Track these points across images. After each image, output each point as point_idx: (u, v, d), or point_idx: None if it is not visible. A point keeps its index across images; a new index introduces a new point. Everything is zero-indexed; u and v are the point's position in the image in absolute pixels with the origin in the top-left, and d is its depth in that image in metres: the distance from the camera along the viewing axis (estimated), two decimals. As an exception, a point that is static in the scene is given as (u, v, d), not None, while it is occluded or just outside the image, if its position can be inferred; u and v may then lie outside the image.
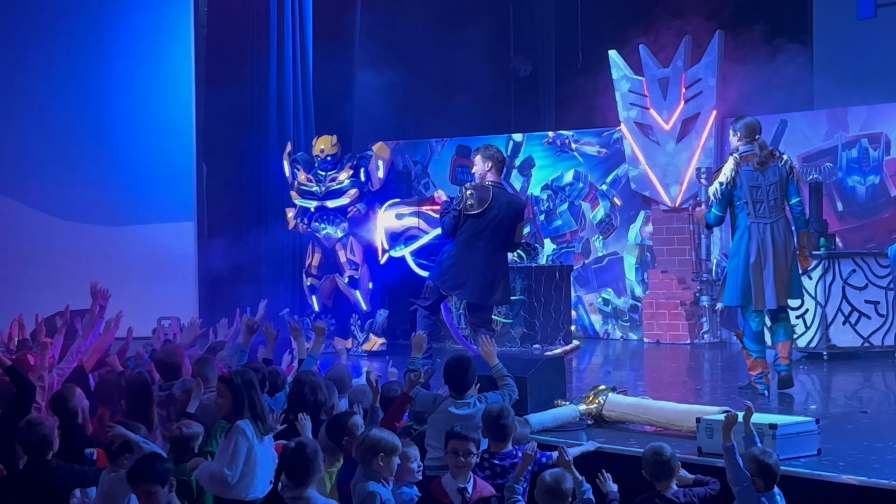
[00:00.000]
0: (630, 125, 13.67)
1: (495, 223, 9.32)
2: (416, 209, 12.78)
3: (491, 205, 9.29)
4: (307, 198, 13.33)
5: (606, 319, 14.17)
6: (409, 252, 12.59)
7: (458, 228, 9.36)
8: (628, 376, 10.81)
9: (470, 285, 9.38)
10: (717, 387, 10.13)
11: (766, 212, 9.00)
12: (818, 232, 11.62)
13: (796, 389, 9.29)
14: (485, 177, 9.44)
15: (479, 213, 9.29)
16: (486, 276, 9.38)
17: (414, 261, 12.57)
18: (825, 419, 7.25)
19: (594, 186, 14.26)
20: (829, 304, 11.32)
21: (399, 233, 12.69)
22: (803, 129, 12.82)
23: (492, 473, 6.20)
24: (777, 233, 8.97)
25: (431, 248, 12.05)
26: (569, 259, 14.18)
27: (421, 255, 12.52)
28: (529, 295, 12.73)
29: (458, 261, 9.37)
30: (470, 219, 9.31)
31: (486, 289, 9.40)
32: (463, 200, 9.33)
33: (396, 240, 12.74)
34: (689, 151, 13.30)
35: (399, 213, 12.86)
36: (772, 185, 9.00)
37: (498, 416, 6.32)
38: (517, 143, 14.85)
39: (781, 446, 6.44)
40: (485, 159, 9.44)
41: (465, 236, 9.36)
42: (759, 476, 5.64)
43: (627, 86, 13.65)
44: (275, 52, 14.75)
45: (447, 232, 9.51)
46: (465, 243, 9.36)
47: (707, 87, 13.13)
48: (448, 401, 6.86)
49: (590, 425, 7.77)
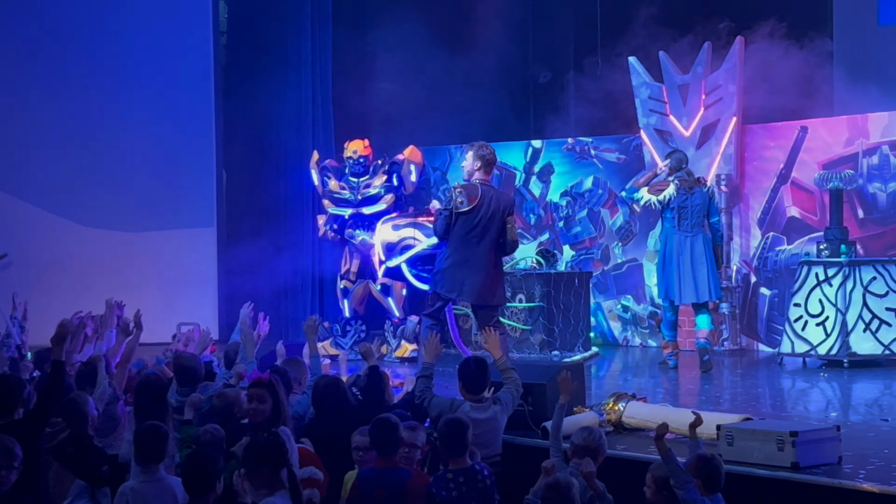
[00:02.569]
0: (650, 132, 13.66)
1: (486, 219, 9.36)
2: (412, 220, 12.74)
3: (480, 201, 9.36)
4: (341, 205, 13.29)
5: (626, 326, 14.15)
6: (403, 261, 12.49)
7: (451, 228, 9.41)
8: (647, 383, 10.79)
9: (468, 286, 9.40)
10: (736, 394, 10.10)
11: (689, 227, 11.36)
12: (839, 239, 11.60)
13: (817, 396, 9.26)
14: (473, 175, 9.53)
15: (470, 211, 9.35)
16: (484, 275, 9.38)
17: (410, 272, 12.48)
18: (846, 427, 7.24)
19: (613, 193, 14.24)
20: (849, 312, 11.27)
21: (394, 243, 12.65)
22: (823, 135, 12.79)
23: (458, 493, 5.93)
24: (696, 244, 11.33)
25: (428, 259, 11.98)
26: (588, 266, 14.17)
27: (418, 266, 12.45)
28: (549, 301, 12.71)
29: (454, 262, 9.41)
30: (461, 217, 9.37)
31: (485, 288, 9.41)
32: (452, 199, 9.41)
33: (392, 250, 12.69)
34: (708, 158, 13.27)
35: (396, 224, 12.81)
36: (696, 206, 11.36)
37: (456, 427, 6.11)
38: (536, 150, 14.85)
39: (802, 454, 6.43)
40: (475, 157, 9.51)
41: (458, 235, 9.41)
42: (700, 477, 5.65)
43: (647, 92, 13.64)
44: (294, 58, 14.79)
45: (440, 234, 9.60)
46: (459, 243, 9.41)
47: (727, 93, 13.11)
48: (466, 404, 6.88)
49: (609, 432, 7.75)
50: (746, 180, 13.30)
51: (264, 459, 5.31)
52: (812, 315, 11.49)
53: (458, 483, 5.91)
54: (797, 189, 12.94)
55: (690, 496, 5.62)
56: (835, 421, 7.86)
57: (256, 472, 5.33)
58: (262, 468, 5.31)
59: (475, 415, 6.72)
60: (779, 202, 13.07)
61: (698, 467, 5.70)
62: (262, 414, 6.30)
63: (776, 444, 6.48)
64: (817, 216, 12.72)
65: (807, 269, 11.69)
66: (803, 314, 11.56)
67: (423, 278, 12.22)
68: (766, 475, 6.43)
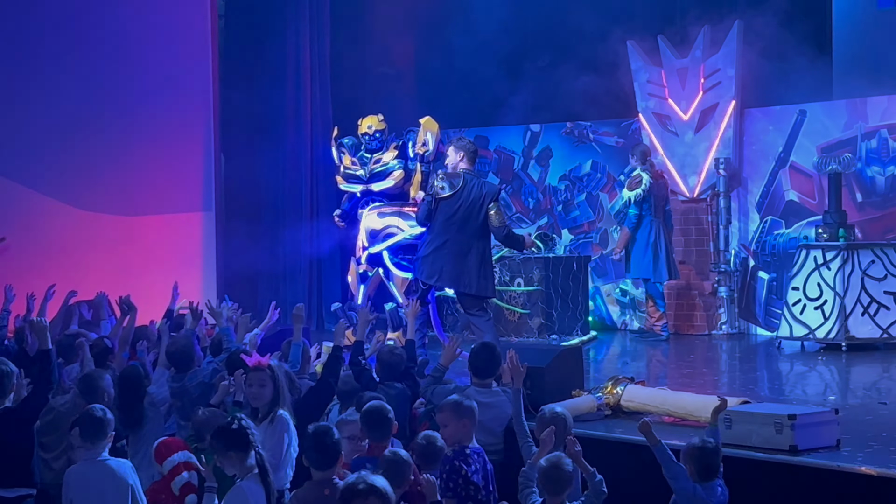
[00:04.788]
0: (648, 115, 13.65)
1: (466, 205, 9.43)
2: (398, 209, 12.56)
3: (461, 189, 9.45)
4: (352, 182, 12.75)
5: (624, 310, 14.16)
6: (385, 248, 12.37)
7: (432, 215, 9.49)
8: (646, 367, 10.80)
9: (447, 272, 9.47)
10: (735, 377, 10.12)
11: (656, 213, 12.76)
12: (837, 223, 11.60)
13: (815, 380, 9.27)
14: (457, 166, 9.63)
15: (450, 197, 9.44)
16: (462, 262, 9.41)
17: (391, 260, 12.37)
18: (844, 410, 7.25)
19: (612, 177, 14.24)
20: (847, 295, 11.28)
21: (378, 230, 12.50)
22: (822, 119, 12.78)
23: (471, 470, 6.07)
24: (662, 228, 12.81)
25: (409, 249, 11.86)
26: (586, 250, 14.17)
27: (399, 254, 12.34)
28: (547, 285, 12.71)
29: (434, 249, 9.49)
30: (442, 203, 9.47)
31: (464, 275, 9.43)
32: (433, 185, 9.54)
33: (375, 237, 12.51)
34: (707, 142, 13.27)
35: (382, 212, 12.64)
36: (661, 195, 12.86)
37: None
38: (535, 134, 14.84)
39: (800, 437, 6.44)
40: (457, 150, 9.68)
41: (438, 222, 9.51)
42: (694, 464, 5.69)
43: (646, 76, 13.63)
44: (293, 40, 14.75)
45: (421, 219, 9.75)
46: (440, 228, 9.49)
47: (726, 77, 13.10)
48: (471, 388, 6.93)
49: (608, 416, 7.77)
50: (745, 164, 13.30)
51: (231, 444, 5.42)
52: (810, 299, 11.49)
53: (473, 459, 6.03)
54: (796, 173, 12.94)
55: (681, 485, 5.65)
56: (833, 404, 7.87)
57: (225, 457, 5.44)
58: (230, 452, 5.41)
59: (480, 398, 6.79)
60: (777, 186, 13.08)
61: (692, 455, 5.72)
62: (263, 398, 6.32)
63: (774, 427, 6.49)
64: (816, 200, 12.72)
65: (805, 252, 11.69)
66: (802, 298, 11.57)
67: (403, 267, 12.10)
68: (764, 458, 6.44)
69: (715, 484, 5.73)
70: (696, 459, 5.70)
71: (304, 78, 14.71)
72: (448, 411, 6.21)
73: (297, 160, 14.64)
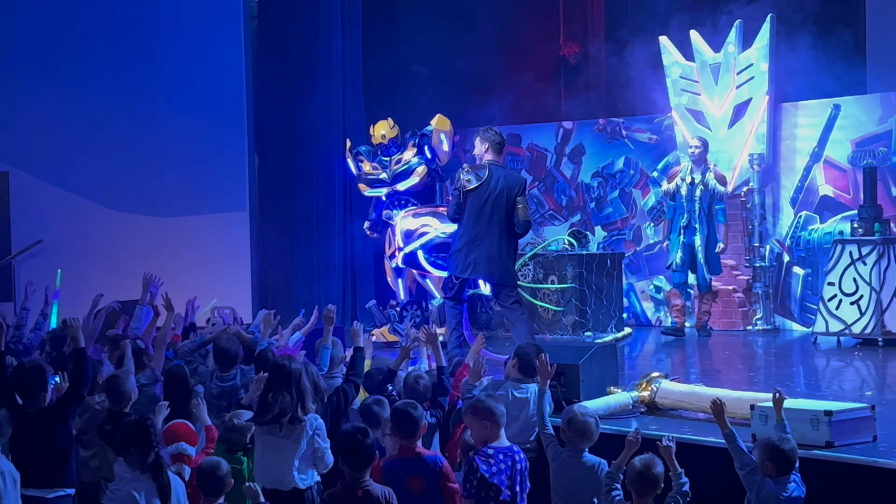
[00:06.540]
0: (681, 111, 13.61)
1: (494, 196, 9.40)
2: (432, 209, 12.63)
3: (488, 180, 9.42)
4: (376, 186, 12.98)
5: (658, 307, 14.12)
6: (419, 246, 12.40)
7: (461, 208, 9.49)
8: (681, 364, 10.78)
9: (480, 264, 9.46)
10: (770, 374, 10.08)
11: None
12: (873, 217, 11.52)
13: (851, 375, 9.22)
14: (482, 157, 9.63)
15: (477, 188, 9.42)
16: (493, 252, 9.41)
17: (426, 258, 12.40)
18: (881, 405, 7.21)
19: (645, 173, 14.21)
20: (884, 290, 11.21)
21: (413, 230, 12.55)
22: (857, 113, 12.70)
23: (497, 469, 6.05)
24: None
25: (443, 247, 11.86)
26: (620, 246, 14.14)
27: (433, 253, 12.37)
28: (581, 283, 12.70)
29: (465, 242, 9.49)
30: (469, 196, 9.45)
31: (493, 264, 9.44)
32: (460, 179, 9.54)
33: (410, 237, 12.55)
34: (741, 137, 13.21)
35: (416, 213, 12.70)
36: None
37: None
38: (567, 131, 14.82)
39: (836, 433, 6.42)
40: (482, 141, 9.67)
41: (468, 215, 9.49)
42: (771, 461, 5.63)
43: (678, 72, 13.58)
44: (325, 40, 14.78)
45: (451, 214, 9.75)
46: (470, 222, 9.48)
47: (759, 72, 13.03)
48: (508, 383, 6.98)
49: (642, 413, 7.77)
50: (779, 159, 13.23)
51: (132, 442, 5.53)
52: (846, 294, 11.43)
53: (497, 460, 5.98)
54: (830, 167, 12.87)
55: (751, 478, 5.60)
56: (870, 400, 7.83)
57: (128, 454, 5.54)
58: (132, 450, 5.52)
59: (517, 394, 6.80)
60: (812, 181, 13.00)
61: (768, 451, 5.66)
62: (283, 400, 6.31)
63: (811, 422, 6.47)
64: (850, 194, 12.65)
65: (840, 247, 11.63)
66: (837, 293, 11.51)
67: (438, 265, 12.15)
68: (800, 454, 6.39)
69: (788, 479, 5.66)
70: (769, 452, 5.65)
71: (336, 77, 14.73)
72: (468, 415, 6.22)
73: (329, 159, 14.66)
